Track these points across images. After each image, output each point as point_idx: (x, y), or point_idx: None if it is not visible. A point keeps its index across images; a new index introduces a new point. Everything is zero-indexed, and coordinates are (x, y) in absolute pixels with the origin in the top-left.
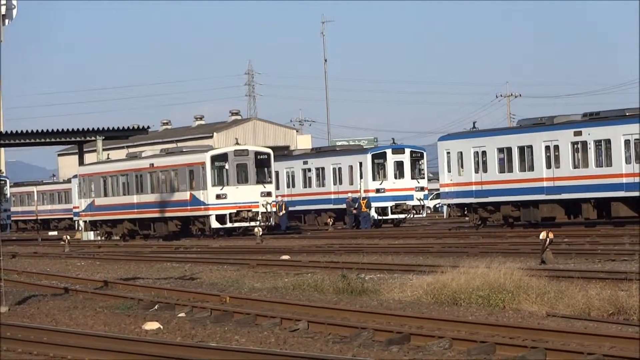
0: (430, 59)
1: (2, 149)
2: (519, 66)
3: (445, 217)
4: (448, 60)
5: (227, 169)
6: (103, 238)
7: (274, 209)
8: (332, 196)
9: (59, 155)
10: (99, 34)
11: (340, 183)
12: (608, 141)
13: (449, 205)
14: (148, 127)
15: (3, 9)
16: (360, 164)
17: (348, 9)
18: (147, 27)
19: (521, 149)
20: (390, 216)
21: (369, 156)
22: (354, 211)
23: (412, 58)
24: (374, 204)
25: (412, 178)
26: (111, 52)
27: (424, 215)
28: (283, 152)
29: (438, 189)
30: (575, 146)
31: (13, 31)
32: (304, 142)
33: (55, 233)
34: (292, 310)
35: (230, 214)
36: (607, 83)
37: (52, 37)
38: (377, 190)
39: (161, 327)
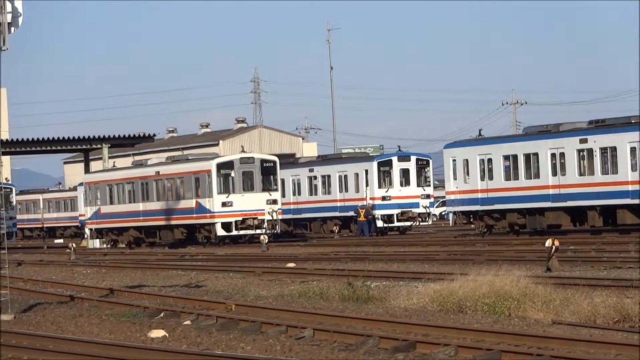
0: (436, 67)
1: (9, 156)
2: (525, 74)
3: (451, 224)
4: (454, 68)
5: (233, 177)
6: (109, 246)
7: (280, 217)
8: (338, 204)
9: (65, 163)
10: (104, 41)
11: (346, 191)
12: (614, 149)
13: (454, 213)
14: (154, 135)
15: (9, 16)
16: (366, 171)
17: (354, 16)
18: (153, 35)
19: (527, 157)
20: (396, 224)
21: (374, 164)
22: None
23: (418, 65)
24: (379, 212)
25: (418, 186)
26: (117, 60)
27: (430, 222)
28: (289, 160)
29: (444, 197)
30: (581, 154)
31: (19, 38)
32: (309, 149)
33: (61, 241)
34: (297, 318)
35: (236, 221)
36: (613, 90)
37: (58, 44)
38: (383, 198)
39: (167, 334)
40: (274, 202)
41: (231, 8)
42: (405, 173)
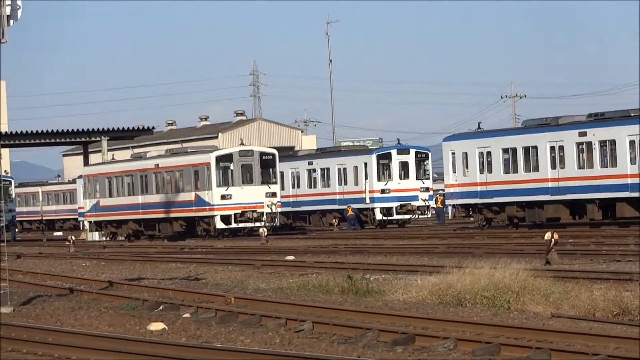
0: (434, 60)
1: (7, 149)
2: (524, 67)
3: (450, 217)
4: (453, 61)
5: (232, 170)
6: (108, 238)
7: (279, 210)
8: (337, 197)
9: (64, 155)
10: (103, 34)
11: (346, 184)
12: (613, 142)
13: (453, 206)
14: (153, 128)
15: (8, 9)
16: (365, 164)
17: (353, 9)
18: (152, 28)
19: (526, 150)
20: (395, 217)
21: (374, 157)
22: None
23: (416, 59)
24: (378, 205)
25: (417, 178)
26: (116, 53)
27: (429, 215)
28: (288, 153)
29: (443, 190)
30: (580, 147)
31: (18, 31)
32: (308, 142)
33: (60, 233)
34: (297, 311)
35: (235, 214)
36: (612, 83)
37: (57, 37)
38: (382, 191)
39: (166, 327)
40: (273, 194)
41: (231, 0)
42: (404, 166)
